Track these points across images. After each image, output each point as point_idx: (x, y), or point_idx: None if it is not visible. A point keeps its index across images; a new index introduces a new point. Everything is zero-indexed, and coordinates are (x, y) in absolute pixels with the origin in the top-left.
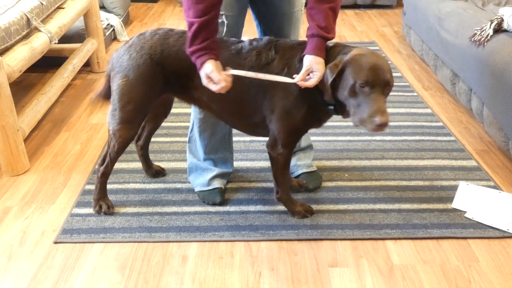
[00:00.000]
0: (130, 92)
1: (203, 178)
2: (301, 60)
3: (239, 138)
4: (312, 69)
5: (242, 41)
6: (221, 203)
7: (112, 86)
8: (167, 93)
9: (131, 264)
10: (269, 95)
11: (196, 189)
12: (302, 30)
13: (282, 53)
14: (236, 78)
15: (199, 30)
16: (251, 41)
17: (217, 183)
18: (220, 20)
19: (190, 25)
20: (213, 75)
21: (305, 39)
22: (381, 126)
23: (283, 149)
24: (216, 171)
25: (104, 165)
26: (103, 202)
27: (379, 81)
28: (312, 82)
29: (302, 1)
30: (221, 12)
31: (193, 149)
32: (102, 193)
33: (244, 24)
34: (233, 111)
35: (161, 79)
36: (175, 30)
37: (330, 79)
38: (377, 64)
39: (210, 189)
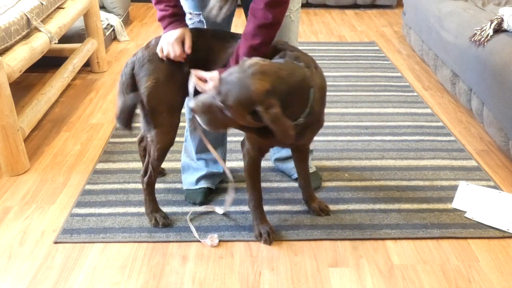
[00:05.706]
0: (160, 93)
1: (192, 177)
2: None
3: (239, 138)
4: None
5: None
6: (201, 204)
7: (140, 91)
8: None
9: (131, 264)
10: None
11: (184, 187)
12: (302, 31)
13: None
14: None
15: None
16: None
17: (204, 183)
18: (197, 19)
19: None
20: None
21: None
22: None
23: (250, 153)
24: (205, 171)
25: (148, 175)
26: (157, 214)
27: None
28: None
29: (296, 5)
30: (197, 12)
31: (188, 149)
32: (153, 205)
33: (231, 29)
34: None
35: (185, 78)
36: (191, 29)
37: None
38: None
39: (195, 189)
